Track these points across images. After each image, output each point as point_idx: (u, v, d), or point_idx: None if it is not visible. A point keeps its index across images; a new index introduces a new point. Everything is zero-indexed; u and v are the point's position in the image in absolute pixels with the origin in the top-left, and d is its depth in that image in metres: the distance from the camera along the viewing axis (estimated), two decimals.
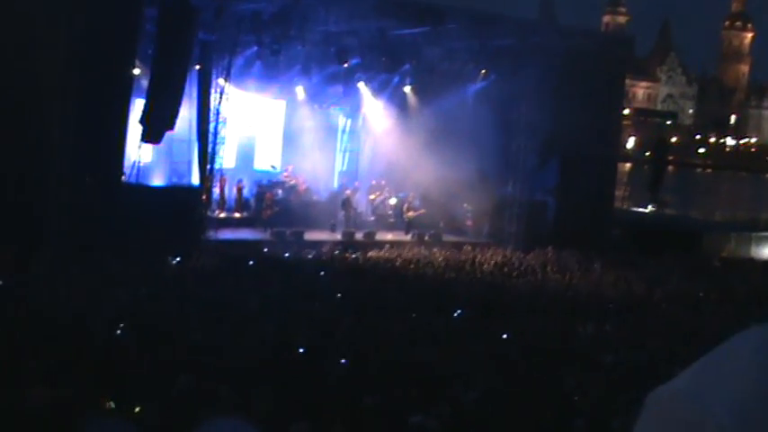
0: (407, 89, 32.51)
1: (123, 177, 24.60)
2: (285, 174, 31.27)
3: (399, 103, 32.74)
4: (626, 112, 32.97)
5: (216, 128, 25.31)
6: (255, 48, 26.65)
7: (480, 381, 12.42)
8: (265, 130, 32.54)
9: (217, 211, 28.08)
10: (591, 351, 15.44)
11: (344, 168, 34.40)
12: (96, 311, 14.86)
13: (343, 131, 34.44)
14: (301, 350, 13.45)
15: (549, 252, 28.07)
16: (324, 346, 13.87)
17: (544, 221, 31.27)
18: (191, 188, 26.30)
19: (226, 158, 27.83)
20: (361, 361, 13.10)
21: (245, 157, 32.06)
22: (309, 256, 24.80)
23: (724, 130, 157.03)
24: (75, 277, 17.80)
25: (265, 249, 25.19)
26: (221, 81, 25.28)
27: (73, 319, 14.12)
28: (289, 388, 11.19)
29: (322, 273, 21.97)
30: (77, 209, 21.99)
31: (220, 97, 25.26)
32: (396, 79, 31.76)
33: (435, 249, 27.29)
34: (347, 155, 34.52)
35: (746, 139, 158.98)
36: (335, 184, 33.32)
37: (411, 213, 30.58)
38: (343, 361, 12.98)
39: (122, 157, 24.43)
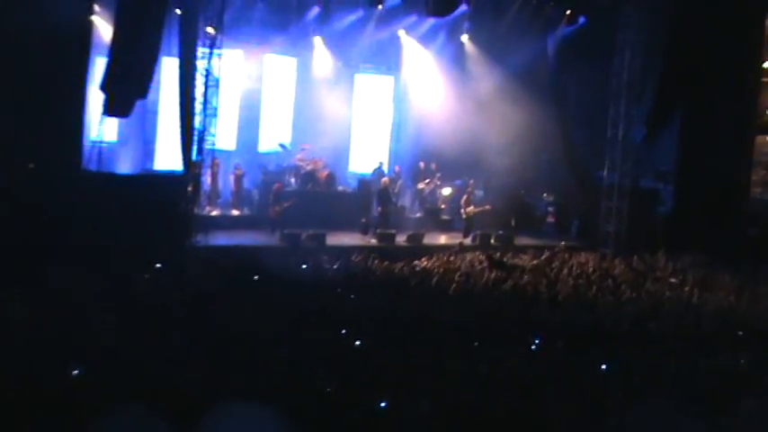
0: (465, 39, 32.47)
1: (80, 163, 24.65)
2: (299, 156, 31.26)
3: (454, 57, 32.70)
4: (767, 64, 32.47)
5: (206, 94, 25.27)
6: None
7: None
8: (271, 98, 32.58)
9: (207, 208, 28.25)
10: (721, 393, 15.25)
11: (393, 147, 34.47)
12: (44, 345, 14.82)
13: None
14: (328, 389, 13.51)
15: (662, 258, 27.82)
16: (355, 385, 13.85)
17: (655, 217, 31.04)
18: (171, 176, 26.29)
19: (221, 137, 27.83)
20: (405, 404, 13.03)
21: (248, 136, 32.12)
22: (334, 268, 24.78)
23: None
24: (13, 298, 17.78)
25: (274, 259, 25.17)
26: (211, 30, 25.26)
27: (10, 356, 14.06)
28: None
29: (351, 293, 21.87)
30: (17, 206, 22.07)
31: (210, 52, 25.23)
32: (449, 26, 31.72)
33: (505, 256, 27.12)
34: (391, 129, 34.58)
35: None
36: (366, 171, 33.09)
37: (471, 208, 30.44)
38: (382, 404, 12.95)
39: (79, 137, 24.53)
